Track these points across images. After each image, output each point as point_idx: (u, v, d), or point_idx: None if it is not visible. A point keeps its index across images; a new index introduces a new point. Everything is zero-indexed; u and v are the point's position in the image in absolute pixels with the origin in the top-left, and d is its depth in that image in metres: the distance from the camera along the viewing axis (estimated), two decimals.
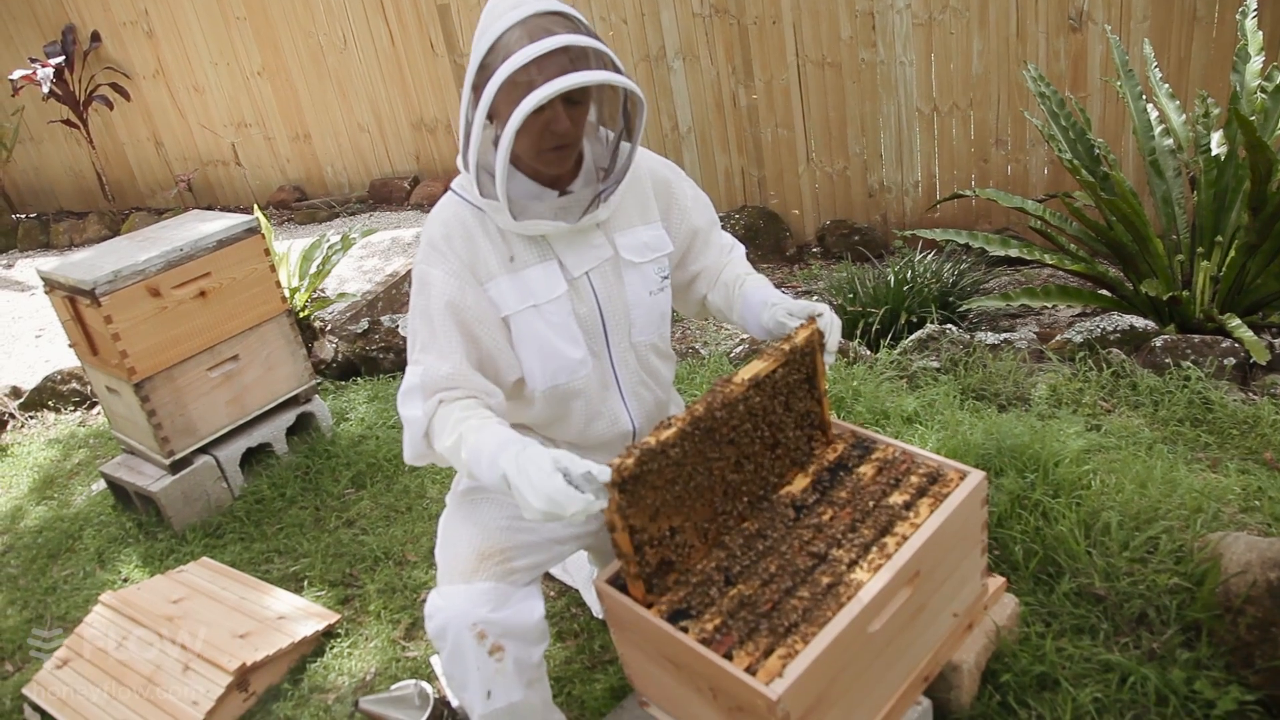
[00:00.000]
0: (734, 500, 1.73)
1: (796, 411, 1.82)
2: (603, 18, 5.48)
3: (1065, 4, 4.58)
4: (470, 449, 1.54)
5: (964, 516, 1.68)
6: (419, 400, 1.67)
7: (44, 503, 3.56)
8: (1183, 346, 3.09)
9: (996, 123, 4.96)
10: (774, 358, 1.72)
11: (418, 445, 1.70)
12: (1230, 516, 2.28)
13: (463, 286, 1.70)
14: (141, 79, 6.94)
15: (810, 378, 1.81)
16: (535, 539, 1.77)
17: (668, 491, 1.59)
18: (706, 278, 2.00)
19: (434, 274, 1.71)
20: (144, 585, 2.74)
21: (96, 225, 7.18)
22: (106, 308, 2.88)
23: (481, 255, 1.72)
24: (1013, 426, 2.54)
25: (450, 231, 1.73)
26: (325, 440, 3.46)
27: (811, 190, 5.52)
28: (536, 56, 1.51)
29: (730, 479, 1.71)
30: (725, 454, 1.68)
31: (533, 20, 1.55)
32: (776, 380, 1.75)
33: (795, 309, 1.80)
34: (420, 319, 1.72)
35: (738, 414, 1.69)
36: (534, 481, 1.42)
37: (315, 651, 2.50)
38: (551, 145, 1.63)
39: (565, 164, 1.70)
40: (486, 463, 1.51)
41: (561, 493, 1.40)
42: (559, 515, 1.40)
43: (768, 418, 1.76)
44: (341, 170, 6.89)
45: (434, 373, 1.67)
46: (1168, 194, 3.86)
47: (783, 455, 1.81)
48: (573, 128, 1.62)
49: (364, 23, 6.24)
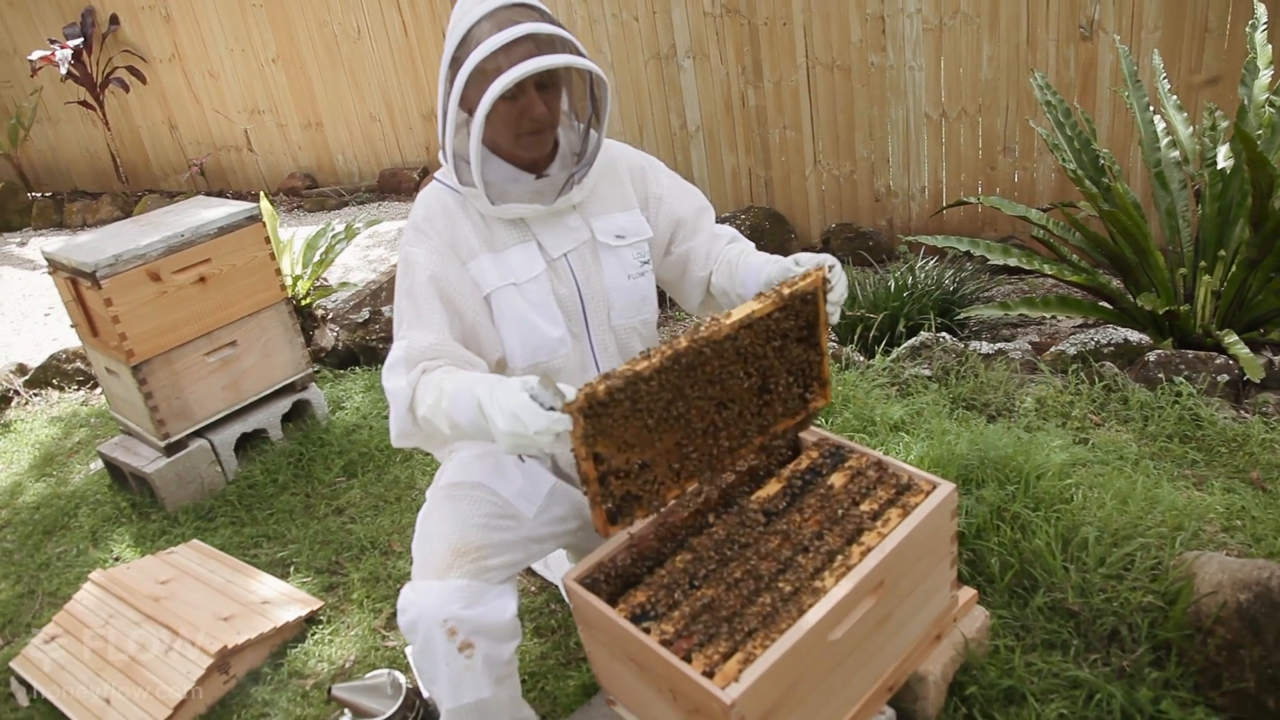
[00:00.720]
0: (714, 441, 1.69)
1: (791, 359, 1.76)
2: (614, 14, 5.49)
3: (1076, 12, 4.56)
4: (450, 395, 1.56)
5: (932, 527, 1.69)
6: (403, 372, 1.70)
7: (43, 479, 3.61)
8: (1176, 362, 3.08)
9: (1005, 130, 4.94)
10: (771, 300, 1.67)
11: (403, 420, 1.71)
12: (1211, 535, 2.28)
13: (445, 263, 1.77)
14: (158, 63, 6.99)
15: (810, 326, 1.76)
16: (512, 537, 1.79)
17: (639, 424, 1.55)
18: (697, 260, 2.01)
19: (418, 253, 1.78)
20: (134, 565, 2.78)
21: (109, 206, 7.24)
22: (107, 290, 2.92)
23: (463, 235, 1.80)
24: (998, 438, 2.54)
25: (432, 213, 1.82)
26: (320, 428, 3.50)
27: (818, 192, 5.51)
28: (503, 44, 1.62)
29: (712, 420, 1.67)
30: (708, 393, 1.64)
31: (499, 12, 1.66)
32: (771, 323, 1.69)
33: (803, 258, 1.78)
34: (405, 298, 1.78)
35: (724, 353, 1.64)
36: (501, 401, 1.44)
37: (297, 637, 2.53)
38: (528, 130, 1.74)
39: (543, 147, 1.80)
40: (465, 400, 1.52)
41: (526, 409, 1.40)
42: (523, 434, 1.41)
43: (758, 362, 1.70)
44: (352, 159, 6.93)
45: (418, 344, 1.71)
46: (1172, 206, 3.85)
47: (772, 403, 1.76)
48: (547, 112, 1.73)
49: (378, 13, 6.27)
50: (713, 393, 1.65)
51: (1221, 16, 4.30)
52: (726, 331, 1.62)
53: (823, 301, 1.75)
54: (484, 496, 1.80)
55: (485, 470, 1.85)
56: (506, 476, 1.85)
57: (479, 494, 1.80)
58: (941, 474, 2.40)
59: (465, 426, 1.54)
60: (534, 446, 1.43)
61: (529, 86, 1.68)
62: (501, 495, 1.82)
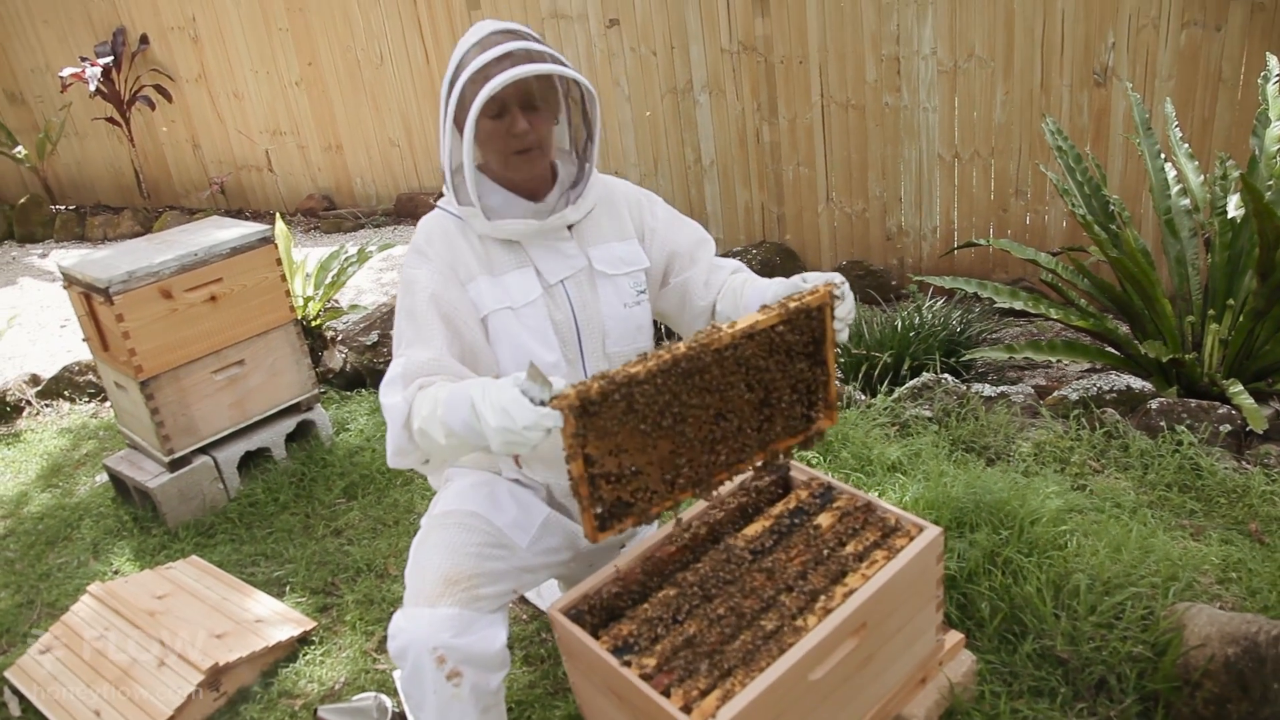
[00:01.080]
0: (710, 454, 1.66)
1: (795, 375, 1.72)
2: (633, 48, 5.56)
3: (1090, 58, 4.59)
4: (445, 402, 1.57)
5: (917, 571, 1.69)
6: (399, 388, 1.72)
7: (49, 490, 3.65)
8: (1179, 410, 3.08)
9: (1017, 173, 4.96)
10: (776, 312, 1.65)
11: (398, 436, 1.72)
12: (1205, 587, 2.26)
13: (446, 284, 1.82)
14: (185, 82, 7.12)
15: (816, 343, 1.72)
16: (504, 566, 1.80)
17: (633, 427, 1.53)
18: (696, 289, 2.02)
19: (419, 274, 1.83)
20: (131, 579, 2.81)
21: (130, 221, 7.35)
22: (119, 306, 2.97)
23: (462, 257, 1.85)
24: (994, 482, 2.54)
25: (432, 236, 1.88)
26: (323, 449, 3.53)
27: (830, 229, 5.54)
28: (487, 62, 1.69)
29: (709, 431, 1.64)
30: (706, 402, 1.61)
31: (487, 38, 1.75)
32: (775, 336, 1.66)
33: (811, 276, 1.76)
34: (405, 318, 1.81)
35: (725, 363, 1.61)
36: (492, 397, 1.44)
37: (289, 657, 2.54)
38: (515, 149, 1.79)
39: (534, 168, 1.84)
40: (459, 401, 1.52)
41: (515, 403, 1.40)
42: (512, 429, 1.40)
43: (761, 375, 1.67)
44: (370, 182, 7.02)
45: (415, 360, 1.73)
46: (1182, 254, 3.85)
47: (774, 419, 1.73)
48: (532, 129, 1.78)
49: (401, 41, 6.38)
50: (711, 402, 1.62)
51: (1235, 67, 4.33)
52: (727, 340, 1.60)
53: (830, 318, 1.72)
54: (477, 525, 1.82)
55: (479, 500, 1.87)
56: (500, 506, 1.87)
57: (472, 523, 1.82)
58: (935, 517, 2.40)
59: (460, 430, 1.53)
60: (525, 443, 1.42)
61: (512, 104, 1.75)
62: (495, 525, 1.84)
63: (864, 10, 4.91)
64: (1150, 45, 4.47)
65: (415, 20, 6.28)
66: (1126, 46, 4.52)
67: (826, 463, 2.91)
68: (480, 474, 1.95)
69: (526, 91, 1.75)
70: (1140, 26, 4.47)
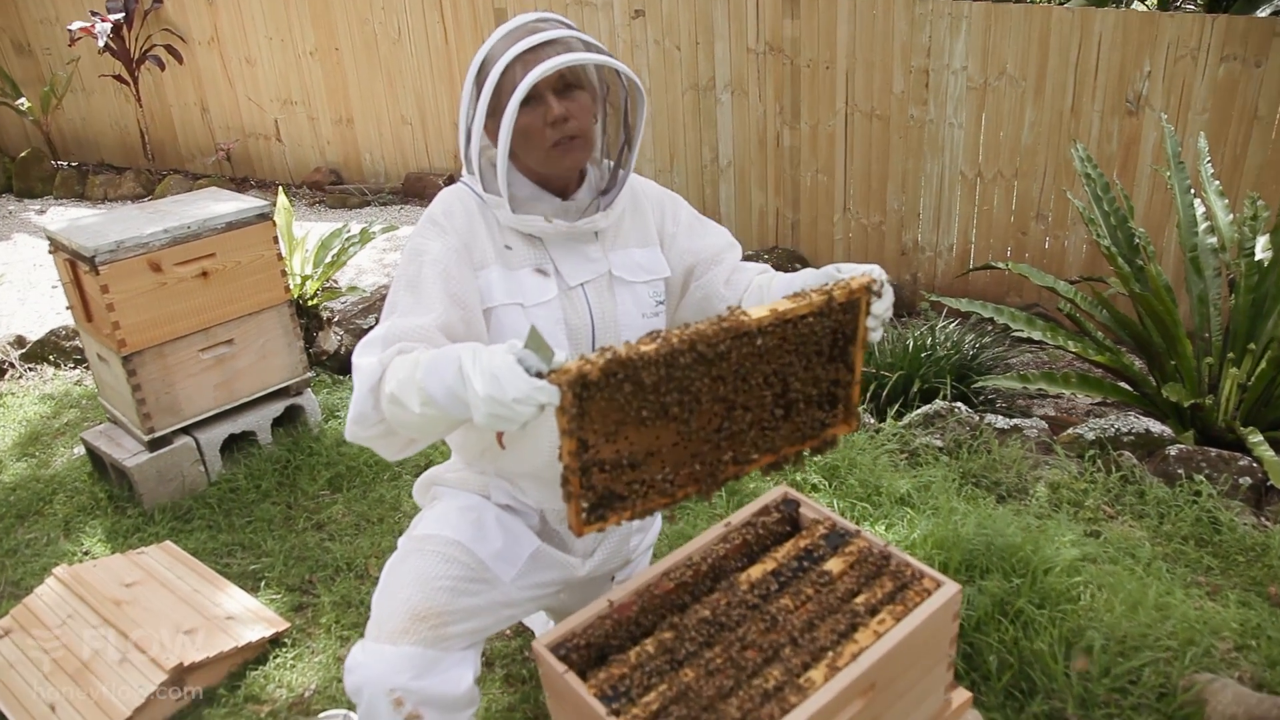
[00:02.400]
0: (716, 450, 1.51)
1: (817, 374, 1.57)
2: (656, 41, 5.44)
3: (1124, 86, 4.48)
4: (426, 365, 1.40)
5: (932, 629, 1.58)
6: (377, 349, 1.54)
7: (24, 459, 3.53)
8: (1198, 459, 2.97)
9: (1040, 196, 4.85)
10: (807, 301, 1.48)
11: (363, 401, 1.52)
12: (1223, 654, 2.16)
13: (460, 262, 1.66)
14: (196, 44, 6.98)
15: (846, 339, 1.57)
16: (480, 602, 1.68)
17: (636, 413, 1.39)
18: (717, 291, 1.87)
19: (431, 245, 1.67)
20: (100, 563, 2.69)
21: (132, 183, 7.21)
22: (104, 277, 2.85)
23: (479, 239, 1.70)
24: (1007, 523, 2.43)
25: (452, 210, 1.71)
26: (310, 436, 3.41)
27: (845, 239, 5.43)
28: (524, 50, 1.56)
29: (719, 425, 1.49)
30: (719, 393, 1.46)
31: (523, 26, 1.62)
32: (804, 328, 1.50)
33: (845, 267, 1.60)
34: (405, 289, 1.64)
35: (745, 352, 1.45)
36: (483, 361, 1.28)
37: (259, 658, 2.43)
38: (555, 140, 1.64)
39: (576, 157, 1.68)
40: (445, 364, 1.36)
41: (507, 371, 1.25)
42: (501, 399, 1.25)
43: (780, 369, 1.51)
44: (380, 159, 6.88)
45: (402, 324, 1.56)
46: (1205, 293, 3.75)
47: (788, 418, 1.58)
48: (571, 118, 1.63)
49: (420, 17, 6.24)
50: (724, 393, 1.48)
51: (1271, 105, 4.22)
52: (752, 326, 1.43)
53: (864, 314, 1.55)
54: (456, 556, 1.69)
55: (463, 526, 1.74)
56: (486, 535, 1.74)
57: (452, 552, 1.69)
58: (945, 558, 2.30)
59: (440, 398, 1.36)
60: (514, 419, 1.26)
61: (545, 92, 1.60)
62: (477, 556, 1.71)
63: (896, 19, 4.79)
64: (1187, 76, 4.36)
65: None
66: (1162, 76, 4.40)
67: (832, 489, 2.80)
68: (468, 497, 1.82)
69: (564, 78, 1.61)
70: (1178, 56, 4.35)
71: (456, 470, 1.91)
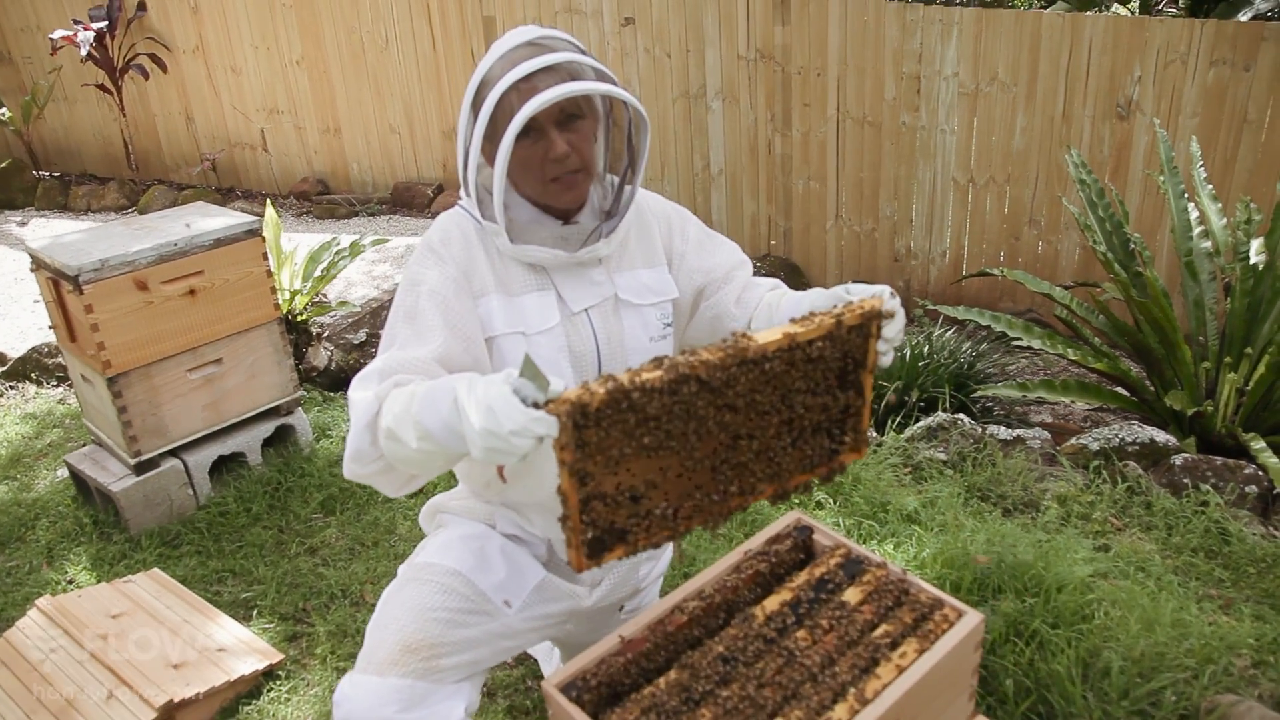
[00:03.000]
0: (723, 480, 1.46)
1: (824, 400, 1.52)
2: (647, 49, 5.39)
3: (1115, 91, 4.46)
4: (422, 397, 1.34)
5: (955, 661, 1.53)
6: (374, 383, 1.48)
7: (5, 482, 3.44)
8: (1203, 468, 2.94)
9: (1032, 202, 4.83)
10: (816, 326, 1.44)
11: (360, 437, 1.46)
12: (1241, 671, 2.12)
13: (458, 292, 1.60)
14: (181, 53, 6.89)
15: (856, 364, 1.52)
16: (477, 634, 1.62)
17: (638, 444, 1.34)
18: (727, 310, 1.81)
19: (429, 274, 1.61)
20: (85, 593, 2.61)
21: (116, 194, 7.11)
22: (88, 296, 2.77)
23: (479, 268, 1.64)
24: (1017, 539, 2.39)
25: (450, 238, 1.66)
26: (302, 456, 3.33)
27: (837, 247, 5.39)
28: (521, 76, 1.49)
29: (725, 454, 1.44)
30: (724, 422, 1.41)
31: (522, 47, 1.54)
32: (813, 353, 1.46)
33: (855, 288, 1.54)
34: (403, 320, 1.59)
35: (752, 378, 1.41)
36: (479, 393, 1.23)
37: (252, 692, 2.36)
38: (554, 174, 1.58)
39: (576, 192, 1.63)
40: (440, 397, 1.31)
41: (503, 403, 1.19)
42: (497, 432, 1.20)
43: (788, 396, 1.46)
44: (367, 169, 6.81)
45: (399, 357, 1.51)
46: (1200, 297, 3.73)
47: (796, 445, 1.53)
48: (574, 152, 1.57)
49: (408, 25, 6.18)
50: (730, 421, 1.43)
51: (1261, 108, 4.21)
52: (759, 352, 1.39)
53: (875, 338, 1.50)
54: (456, 587, 1.63)
55: (465, 556, 1.68)
56: (489, 566, 1.68)
57: (451, 582, 1.63)
58: (956, 578, 2.25)
59: (436, 432, 1.31)
60: (511, 452, 1.21)
61: (547, 125, 1.53)
62: (478, 587, 1.65)
63: (887, 26, 4.76)
64: (1177, 81, 4.35)
65: (424, 5, 6.08)
66: (1153, 80, 4.39)
67: (838, 506, 2.75)
68: (473, 525, 1.76)
69: (565, 106, 1.54)
70: (1168, 61, 4.34)
71: (462, 498, 1.85)
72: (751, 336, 1.41)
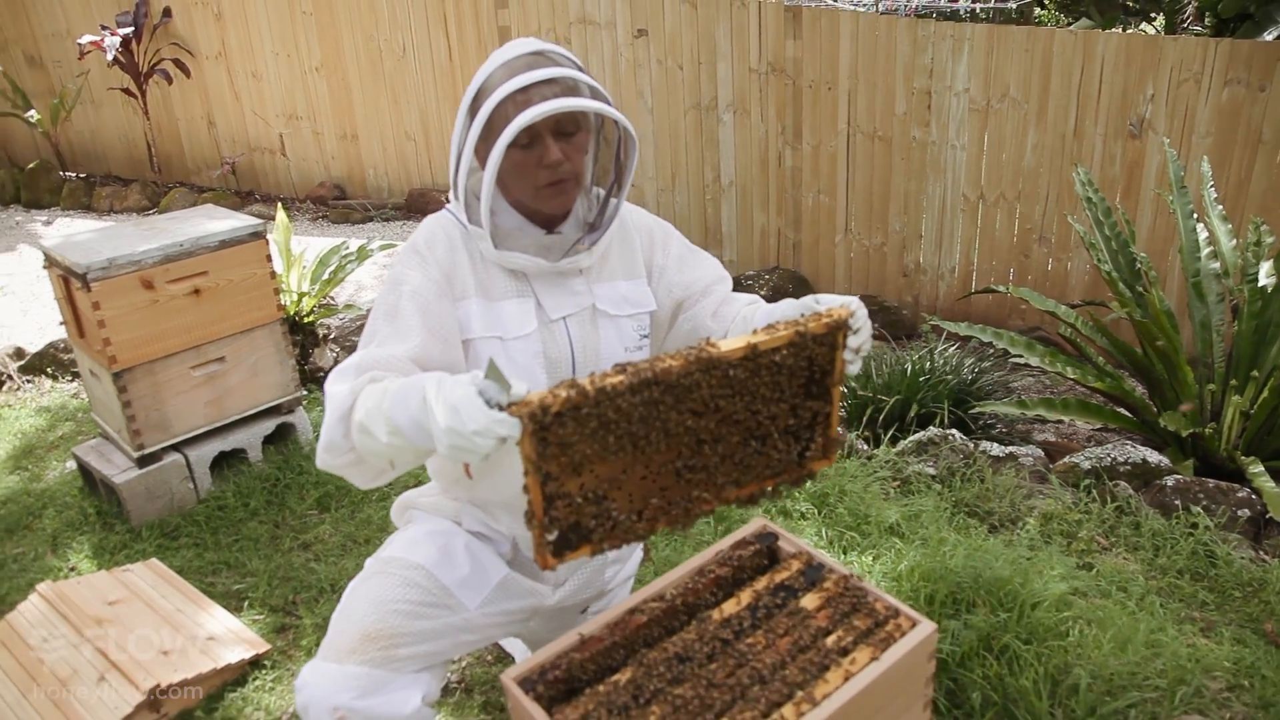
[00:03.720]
0: (686, 484, 1.49)
1: (792, 407, 1.55)
2: (659, 61, 5.44)
3: (1128, 109, 4.46)
4: (393, 394, 1.39)
5: (905, 670, 1.55)
6: (350, 377, 1.53)
7: (17, 472, 3.52)
8: (1195, 490, 2.93)
9: (1042, 219, 4.83)
10: (782, 335, 1.47)
11: (333, 429, 1.51)
12: (1215, 694, 2.12)
13: (439, 293, 1.66)
14: (204, 59, 7.02)
15: (823, 373, 1.55)
16: (437, 626, 1.66)
17: (601, 447, 1.37)
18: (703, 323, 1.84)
19: (411, 274, 1.66)
20: (85, 580, 2.68)
21: (138, 195, 7.25)
22: (96, 294, 2.85)
23: (461, 271, 1.69)
24: (996, 555, 2.39)
25: (434, 239, 1.71)
26: (301, 454, 3.39)
27: (846, 261, 5.41)
28: (521, 87, 1.54)
29: (689, 459, 1.48)
30: (688, 427, 1.45)
31: (521, 59, 1.60)
32: (777, 360, 1.48)
33: (825, 299, 1.58)
34: (384, 318, 1.63)
35: (715, 384, 1.43)
36: (445, 393, 1.28)
37: (238, 680, 2.41)
38: (547, 181, 1.63)
39: (565, 199, 1.68)
40: (410, 394, 1.36)
41: (467, 403, 1.24)
42: (461, 432, 1.25)
43: (754, 403, 1.49)
44: (383, 174, 6.91)
45: (376, 354, 1.56)
46: (1207, 319, 3.72)
47: (763, 452, 1.56)
48: (566, 160, 1.62)
49: (425, 34, 6.27)
50: (694, 426, 1.46)
51: (1276, 129, 4.20)
52: (723, 359, 1.42)
53: (842, 347, 1.54)
54: (418, 580, 1.67)
55: (430, 552, 1.72)
56: (453, 562, 1.72)
57: (414, 576, 1.68)
58: (931, 590, 2.27)
59: (406, 428, 1.36)
60: (474, 451, 1.26)
61: (544, 133, 1.59)
62: (441, 582, 1.69)
63: (899, 41, 4.78)
64: (1190, 100, 4.34)
65: (441, 15, 6.17)
66: (1165, 99, 4.38)
67: (821, 517, 2.77)
68: (439, 522, 1.81)
69: (563, 119, 1.60)
70: (1181, 80, 4.33)
71: (431, 495, 1.90)
72: (715, 344, 1.44)
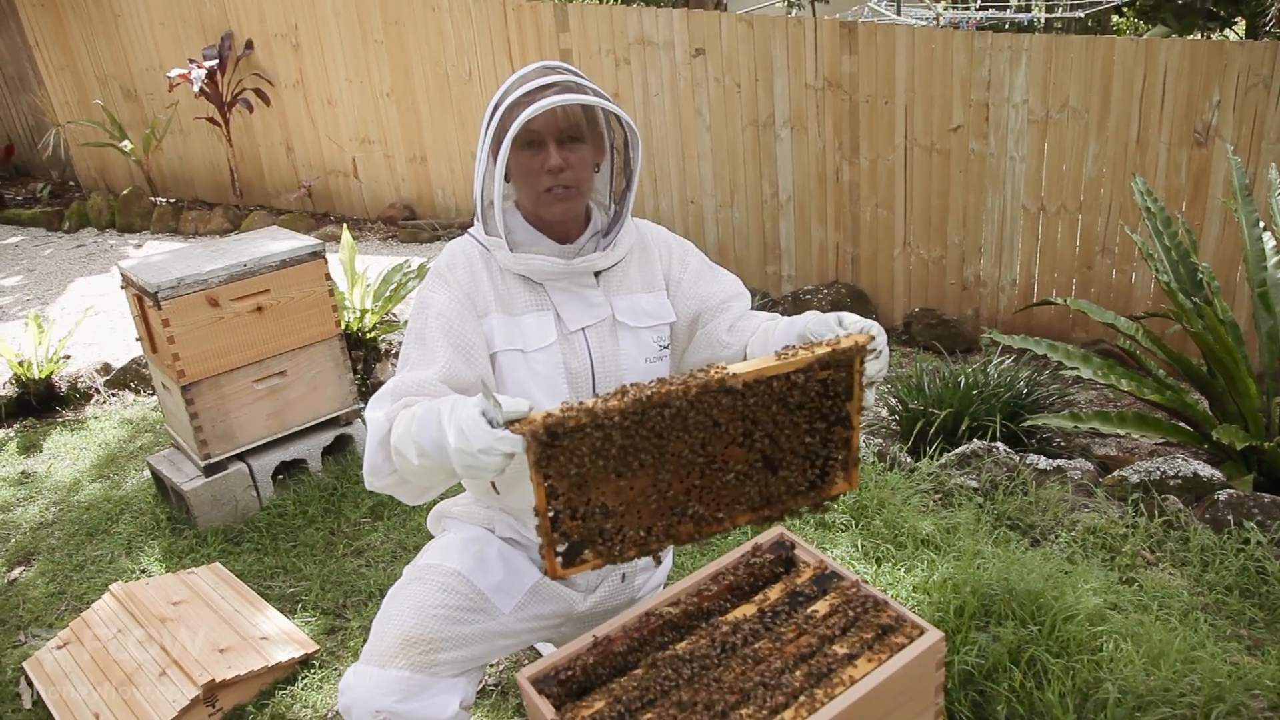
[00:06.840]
0: (696, 505, 1.52)
1: (808, 432, 1.55)
2: (717, 79, 5.50)
3: (1193, 116, 4.35)
4: (419, 418, 1.49)
5: (910, 678, 1.56)
6: (386, 403, 1.64)
7: (100, 480, 3.75)
8: (1249, 505, 2.84)
9: (1105, 230, 4.73)
10: (794, 360, 1.47)
11: (374, 454, 1.62)
12: (1256, 712, 2.06)
13: (462, 312, 1.75)
14: (283, 88, 7.35)
15: (840, 399, 1.54)
16: (475, 631, 1.73)
17: (605, 466, 1.41)
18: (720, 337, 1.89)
19: (435, 297, 1.76)
20: (153, 581, 2.84)
21: (221, 218, 7.60)
22: (166, 311, 3.03)
23: (481, 288, 1.78)
24: (1031, 568, 2.37)
25: (455, 262, 1.80)
26: (357, 464, 3.54)
27: (905, 274, 5.37)
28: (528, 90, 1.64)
29: (697, 480, 1.50)
30: (696, 450, 1.47)
31: (531, 71, 1.71)
32: (790, 385, 1.48)
33: (847, 319, 1.58)
34: (414, 342, 1.74)
35: (724, 406, 1.45)
36: (455, 415, 1.37)
37: (288, 678, 2.53)
38: (547, 185, 1.71)
39: (566, 205, 1.75)
40: (430, 419, 1.45)
41: (473, 424, 1.33)
42: (468, 451, 1.33)
43: (767, 428, 1.50)
44: (451, 195, 7.11)
45: (408, 379, 1.66)
46: (1274, 330, 3.60)
47: (779, 476, 1.57)
48: (568, 168, 1.70)
49: (490, 58, 6.46)
50: (704, 450, 1.48)
51: None
52: (731, 383, 1.43)
53: (859, 373, 1.52)
54: (455, 586, 1.75)
55: (465, 558, 1.80)
56: (487, 567, 1.80)
57: (451, 582, 1.75)
58: (960, 603, 2.26)
59: (429, 448, 1.46)
60: (483, 469, 1.34)
61: (547, 138, 1.68)
62: (476, 587, 1.77)
63: (955, 53, 4.76)
64: (1259, 105, 4.21)
65: (505, 39, 6.35)
66: (1233, 105, 4.27)
67: (859, 528, 2.78)
68: (473, 529, 1.89)
69: (565, 127, 1.68)
70: (1250, 85, 4.21)
71: (465, 504, 1.98)
72: (724, 368, 1.47)
